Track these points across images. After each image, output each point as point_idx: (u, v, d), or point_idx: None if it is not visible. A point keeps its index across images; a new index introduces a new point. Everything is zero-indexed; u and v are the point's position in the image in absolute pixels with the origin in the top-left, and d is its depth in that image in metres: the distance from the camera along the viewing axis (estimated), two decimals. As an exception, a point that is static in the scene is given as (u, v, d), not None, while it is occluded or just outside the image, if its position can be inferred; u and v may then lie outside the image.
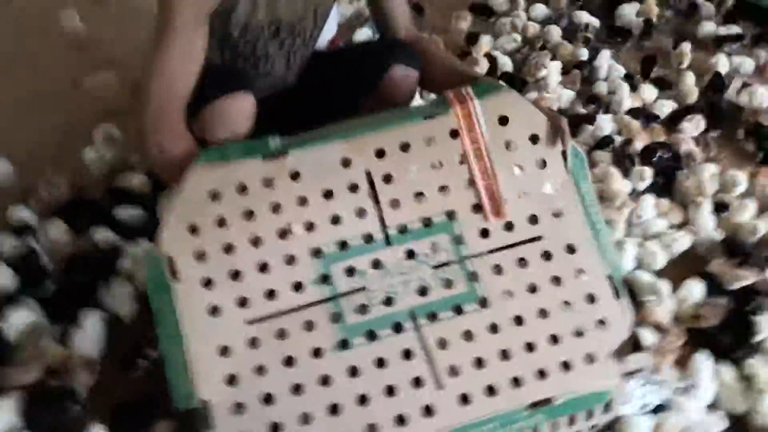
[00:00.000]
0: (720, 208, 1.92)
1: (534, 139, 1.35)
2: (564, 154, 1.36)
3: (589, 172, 1.39)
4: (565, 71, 2.46)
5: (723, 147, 2.31)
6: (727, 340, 1.55)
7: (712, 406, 1.46)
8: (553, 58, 2.50)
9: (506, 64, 2.49)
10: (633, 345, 1.28)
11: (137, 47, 1.72)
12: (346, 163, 1.29)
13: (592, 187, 1.37)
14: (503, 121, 1.34)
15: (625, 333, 1.27)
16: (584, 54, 2.52)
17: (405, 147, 1.31)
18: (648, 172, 2.01)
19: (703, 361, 1.48)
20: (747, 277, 1.65)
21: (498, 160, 1.33)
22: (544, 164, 1.35)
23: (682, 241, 1.81)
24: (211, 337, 1.16)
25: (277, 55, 1.56)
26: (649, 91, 2.39)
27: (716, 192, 1.99)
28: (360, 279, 1.25)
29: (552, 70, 2.40)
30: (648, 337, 1.52)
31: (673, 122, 2.29)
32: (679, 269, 1.77)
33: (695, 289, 1.67)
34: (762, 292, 1.63)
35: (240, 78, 1.44)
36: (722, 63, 2.60)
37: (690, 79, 2.46)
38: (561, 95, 2.32)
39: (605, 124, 2.18)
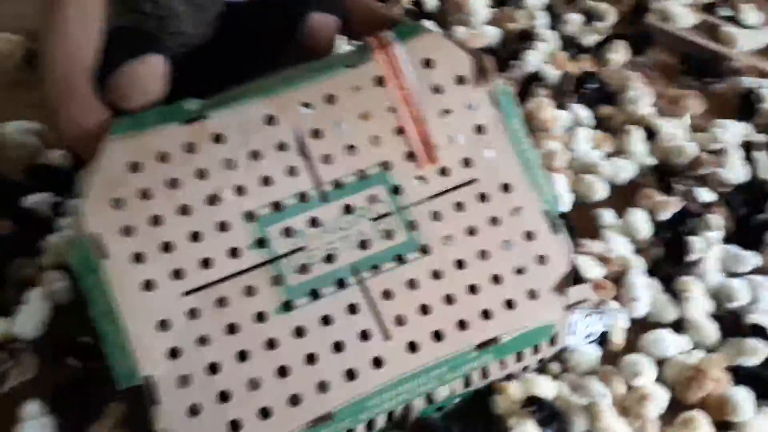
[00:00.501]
0: (650, 133, 1.95)
1: (460, 80, 1.33)
2: (492, 92, 1.35)
3: (519, 108, 1.38)
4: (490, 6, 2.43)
5: (651, 72, 2.35)
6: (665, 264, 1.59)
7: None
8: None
9: (430, 2, 2.43)
10: (574, 277, 1.30)
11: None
12: (270, 120, 1.24)
13: (521, 123, 1.37)
14: (428, 63, 1.31)
15: (565, 266, 1.29)
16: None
17: (330, 99, 1.27)
18: (578, 105, 2.02)
19: (638, 277, 1.52)
20: (671, 205, 1.69)
21: (427, 105, 1.31)
22: (471, 105, 1.33)
23: (625, 172, 1.84)
24: (148, 313, 1.12)
25: (186, 12, 1.48)
26: (573, 22, 2.38)
27: (645, 118, 2.02)
28: (298, 239, 1.22)
29: (477, 8, 2.36)
30: (591, 268, 1.54)
31: (599, 51, 2.31)
32: (621, 200, 1.81)
33: (638, 219, 1.69)
34: (694, 213, 1.68)
35: (147, 39, 1.35)
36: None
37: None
38: (487, 32, 2.29)
39: (533, 58, 2.16)
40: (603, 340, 1.40)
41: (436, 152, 1.30)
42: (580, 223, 1.70)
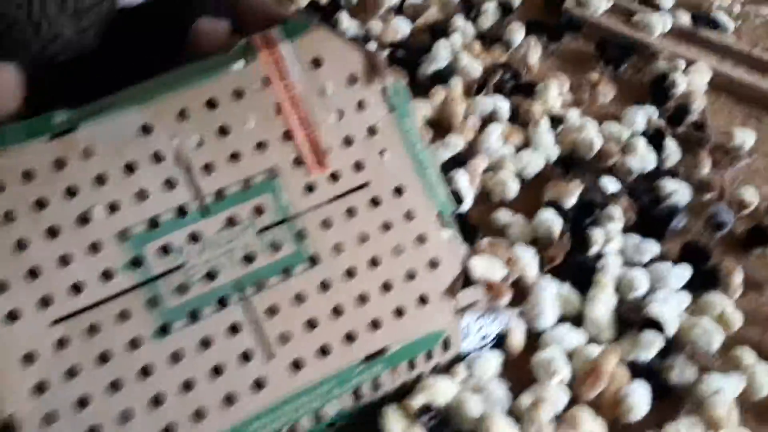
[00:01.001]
0: (557, 123, 1.94)
1: (351, 79, 1.28)
2: (384, 91, 1.30)
3: (413, 106, 1.34)
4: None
5: (566, 60, 2.34)
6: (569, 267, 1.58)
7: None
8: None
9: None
10: (465, 280, 1.28)
11: None
12: (146, 130, 1.17)
13: (415, 123, 1.33)
14: (317, 63, 1.26)
15: (457, 269, 1.27)
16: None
17: (212, 104, 1.20)
18: (490, 99, 1.99)
19: (545, 287, 1.50)
20: (574, 191, 1.68)
21: (316, 107, 1.25)
22: (363, 105, 1.29)
23: (533, 165, 1.82)
24: (12, 346, 1.05)
25: (61, 17, 1.38)
26: (488, 13, 2.34)
27: (553, 109, 2.00)
28: (177, 256, 1.16)
29: (390, 1, 2.31)
30: (494, 270, 1.51)
31: (514, 42, 2.28)
32: (531, 195, 1.78)
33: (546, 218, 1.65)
34: (598, 204, 1.68)
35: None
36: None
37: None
38: (399, 26, 2.23)
39: (445, 52, 2.11)
40: (500, 342, 1.38)
41: (326, 157, 1.26)
42: (484, 222, 1.69)
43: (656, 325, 1.42)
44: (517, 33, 2.27)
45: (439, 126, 1.95)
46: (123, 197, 1.15)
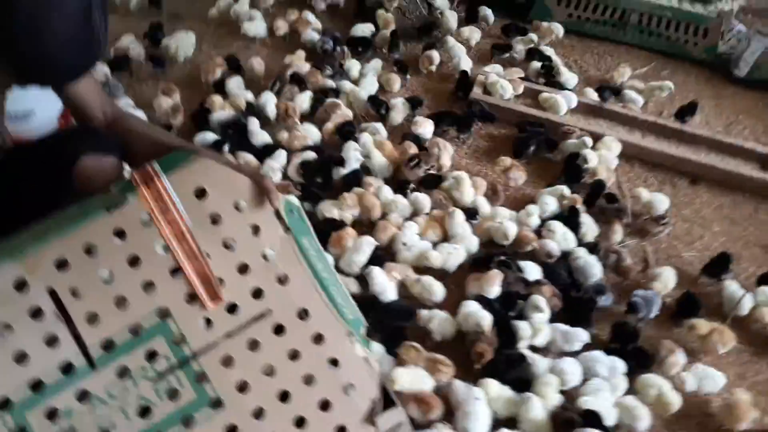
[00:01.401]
0: (473, 214, 1.93)
1: (239, 206, 1.23)
2: (278, 213, 1.26)
3: (308, 224, 1.29)
4: (315, 100, 2.40)
5: (476, 149, 2.38)
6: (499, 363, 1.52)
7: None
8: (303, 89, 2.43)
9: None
10: (385, 399, 1.20)
11: None
12: (20, 286, 1.08)
13: (314, 241, 1.27)
14: (201, 193, 1.21)
15: (374, 391, 1.19)
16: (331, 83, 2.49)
17: (90, 250, 1.13)
18: (405, 197, 1.98)
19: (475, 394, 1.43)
20: (495, 281, 1.65)
21: (205, 238, 1.19)
22: (257, 230, 1.23)
23: (454, 258, 1.79)
24: None
25: None
26: (397, 109, 2.38)
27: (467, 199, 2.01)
28: (65, 420, 1.05)
29: (301, 107, 2.33)
30: (419, 380, 1.43)
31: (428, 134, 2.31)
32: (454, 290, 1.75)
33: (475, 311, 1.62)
34: (521, 295, 1.64)
35: None
36: (465, 62, 2.69)
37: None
38: (309, 132, 2.24)
39: (352, 153, 2.11)
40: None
41: (221, 288, 1.19)
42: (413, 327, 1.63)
43: (595, 418, 1.36)
44: (426, 126, 2.30)
45: (360, 224, 1.92)
46: (1, 362, 1.05)
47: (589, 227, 1.91)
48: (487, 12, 3.05)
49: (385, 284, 1.66)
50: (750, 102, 2.94)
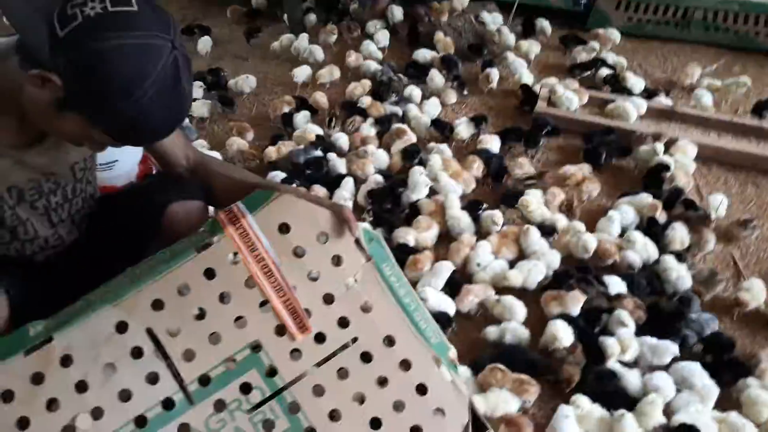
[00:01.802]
0: (549, 231, 1.90)
1: (321, 237, 1.26)
2: (358, 242, 1.28)
3: (389, 252, 1.31)
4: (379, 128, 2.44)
5: (547, 162, 2.35)
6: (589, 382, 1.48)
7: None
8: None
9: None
10: (476, 423, 1.20)
11: None
12: (121, 328, 1.14)
13: (395, 268, 1.29)
14: (284, 228, 1.25)
15: (465, 415, 1.19)
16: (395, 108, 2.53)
17: (183, 290, 1.18)
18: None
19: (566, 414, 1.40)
20: (578, 300, 1.62)
21: (290, 272, 1.23)
22: (339, 260, 1.26)
23: (534, 276, 1.77)
24: None
25: (34, 217, 1.41)
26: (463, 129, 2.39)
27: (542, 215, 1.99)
28: (169, 453, 1.10)
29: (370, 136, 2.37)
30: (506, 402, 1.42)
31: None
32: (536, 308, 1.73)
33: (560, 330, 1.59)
34: (605, 309, 1.61)
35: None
36: (526, 76, 2.67)
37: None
38: (378, 157, 2.27)
39: (419, 178, 2.12)
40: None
41: (308, 319, 1.22)
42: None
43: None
44: (493, 143, 2.30)
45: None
46: (106, 400, 1.11)
47: (676, 235, 1.85)
48: (544, 24, 3.03)
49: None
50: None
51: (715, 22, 3.05)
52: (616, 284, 1.70)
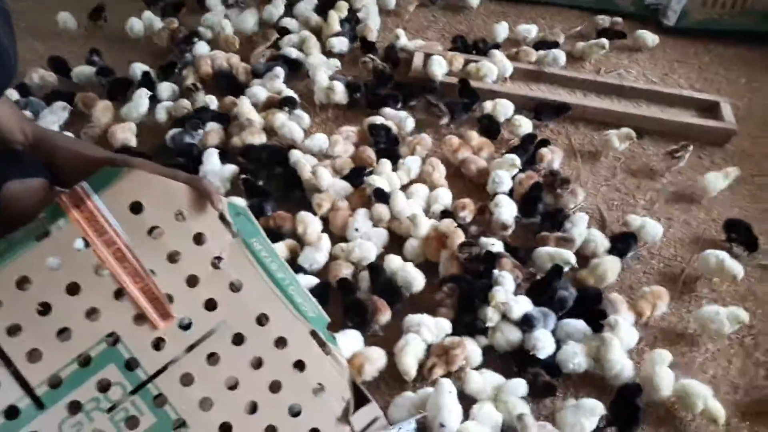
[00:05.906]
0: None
1: (179, 215, 1.16)
2: (222, 217, 1.19)
3: (259, 225, 1.23)
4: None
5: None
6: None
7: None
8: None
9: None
10: (358, 395, 1.16)
11: None
12: (-49, 331, 1.00)
13: (266, 242, 1.21)
14: (137, 208, 1.13)
15: (346, 388, 1.15)
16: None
17: (22, 283, 1.04)
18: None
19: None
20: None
21: (147, 255, 1.12)
22: (201, 238, 1.16)
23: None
24: None
25: None
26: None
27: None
28: (16, 467, 0.98)
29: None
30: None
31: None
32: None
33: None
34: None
35: None
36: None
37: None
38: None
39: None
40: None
41: (170, 305, 1.12)
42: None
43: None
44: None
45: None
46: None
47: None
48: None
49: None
50: (681, 50, 2.98)
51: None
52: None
